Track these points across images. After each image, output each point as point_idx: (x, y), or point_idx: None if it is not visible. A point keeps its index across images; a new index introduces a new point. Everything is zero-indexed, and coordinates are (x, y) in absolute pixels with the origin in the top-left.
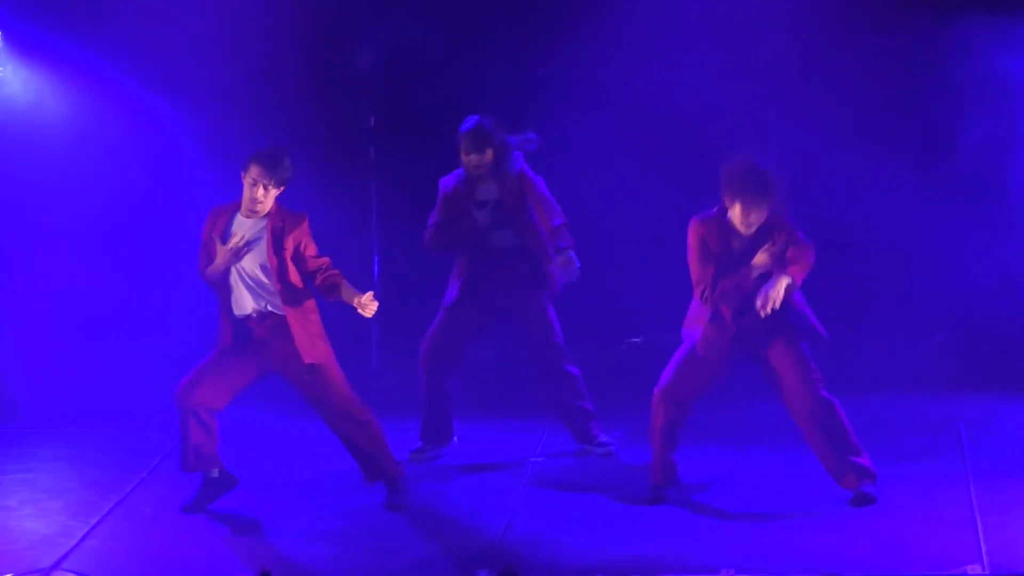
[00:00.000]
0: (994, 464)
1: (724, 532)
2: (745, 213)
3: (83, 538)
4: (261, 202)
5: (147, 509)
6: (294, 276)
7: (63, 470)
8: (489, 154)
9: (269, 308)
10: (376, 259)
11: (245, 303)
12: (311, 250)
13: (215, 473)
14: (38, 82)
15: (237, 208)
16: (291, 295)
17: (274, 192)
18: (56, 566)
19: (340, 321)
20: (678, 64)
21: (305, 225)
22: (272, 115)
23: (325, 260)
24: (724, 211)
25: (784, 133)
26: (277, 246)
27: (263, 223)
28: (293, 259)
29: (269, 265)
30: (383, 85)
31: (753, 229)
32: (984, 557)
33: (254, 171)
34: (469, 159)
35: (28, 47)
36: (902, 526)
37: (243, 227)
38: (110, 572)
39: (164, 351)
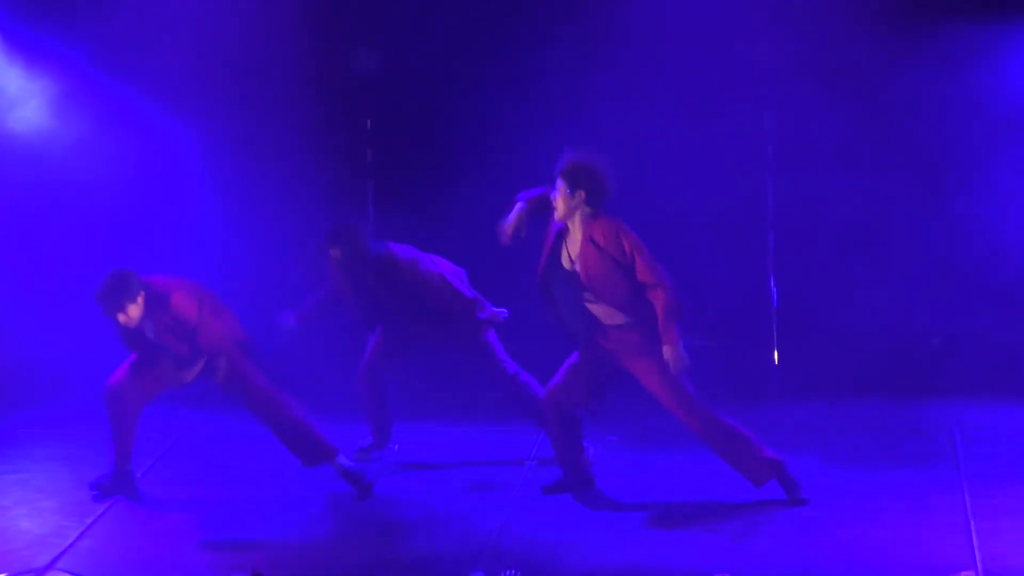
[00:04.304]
0: (988, 470)
1: (719, 538)
2: None
3: (77, 538)
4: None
5: (141, 510)
6: None
7: (57, 470)
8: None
9: None
10: None
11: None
12: None
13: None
14: (34, 83)
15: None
16: None
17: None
18: (50, 566)
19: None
20: (675, 67)
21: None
22: (270, 117)
23: None
24: None
25: (783, 135)
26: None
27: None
28: None
29: None
30: (380, 87)
31: None
32: (978, 563)
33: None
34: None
35: (24, 48)
36: (896, 532)
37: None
38: (104, 572)
39: None
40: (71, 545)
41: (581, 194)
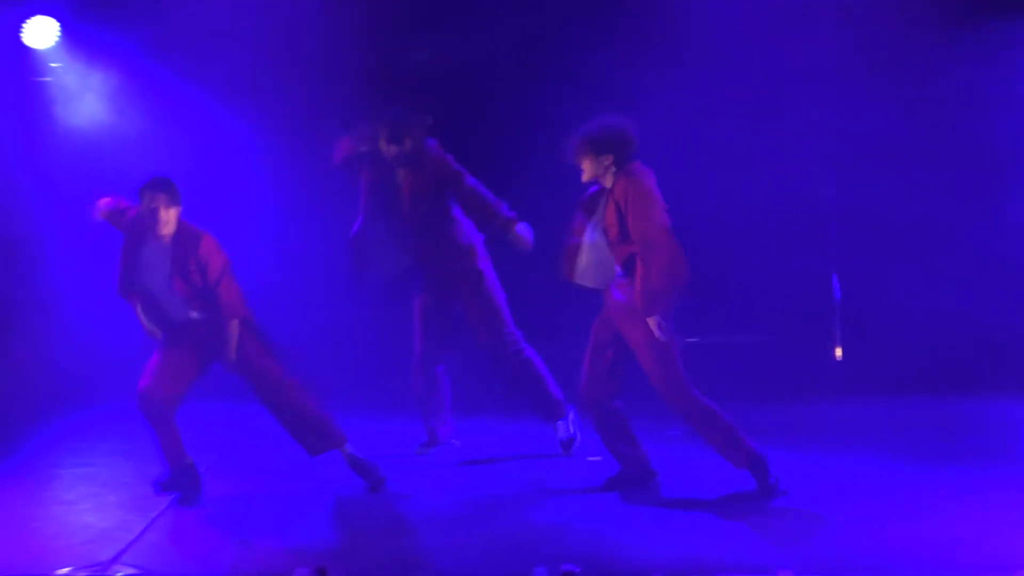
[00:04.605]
0: None
1: (781, 533)
2: None
3: (141, 533)
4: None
5: (204, 505)
6: None
7: (121, 465)
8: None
9: None
10: None
11: None
12: None
13: None
14: (92, 77)
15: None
16: None
17: None
18: (114, 561)
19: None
20: (733, 64)
21: None
22: (331, 114)
23: None
24: None
25: (845, 130)
26: None
27: None
28: None
29: None
30: (442, 82)
31: None
32: None
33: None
34: None
35: (83, 42)
36: (958, 529)
37: None
38: (168, 567)
39: None
40: (135, 540)
41: (609, 157)
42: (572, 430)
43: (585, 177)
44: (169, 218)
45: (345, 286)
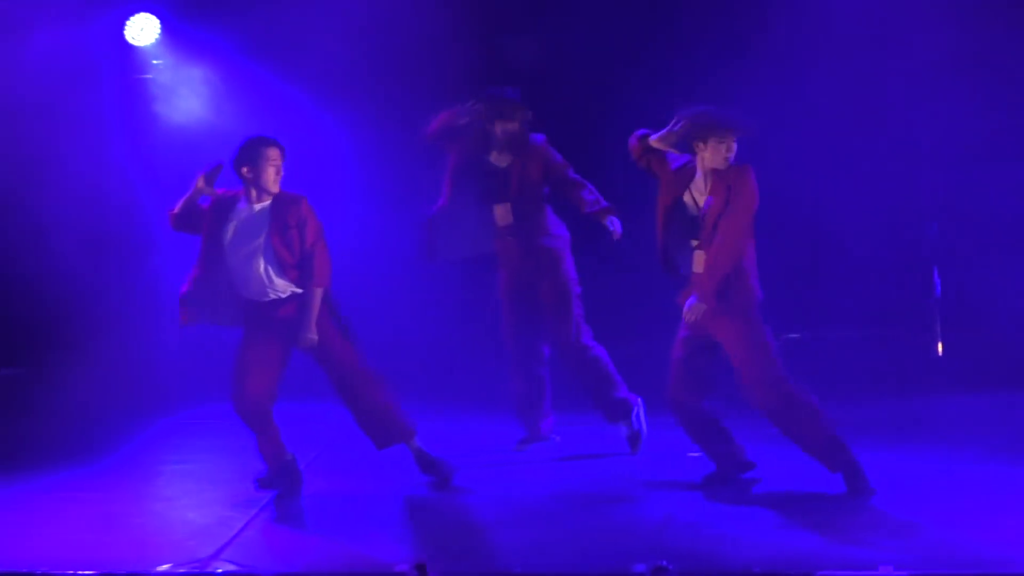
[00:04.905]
0: None
1: (881, 529)
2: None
3: (241, 530)
4: None
5: (304, 501)
6: None
7: (221, 461)
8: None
9: None
10: None
11: None
12: None
13: None
14: (193, 74)
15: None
16: None
17: None
18: (214, 557)
19: None
20: (832, 61)
21: None
22: (427, 109)
23: None
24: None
25: (945, 125)
26: None
27: None
28: None
29: None
30: (540, 77)
31: None
32: None
33: None
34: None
35: (185, 41)
36: None
37: None
38: (267, 564)
39: None
40: (235, 536)
41: (735, 145)
42: (637, 425)
43: (722, 165)
44: (279, 170)
45: (431, 283)
